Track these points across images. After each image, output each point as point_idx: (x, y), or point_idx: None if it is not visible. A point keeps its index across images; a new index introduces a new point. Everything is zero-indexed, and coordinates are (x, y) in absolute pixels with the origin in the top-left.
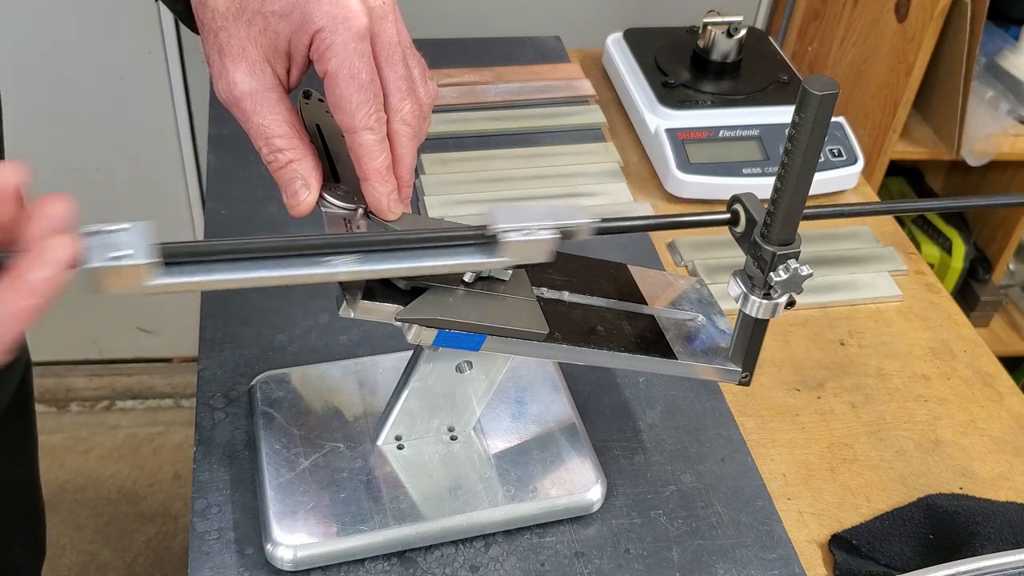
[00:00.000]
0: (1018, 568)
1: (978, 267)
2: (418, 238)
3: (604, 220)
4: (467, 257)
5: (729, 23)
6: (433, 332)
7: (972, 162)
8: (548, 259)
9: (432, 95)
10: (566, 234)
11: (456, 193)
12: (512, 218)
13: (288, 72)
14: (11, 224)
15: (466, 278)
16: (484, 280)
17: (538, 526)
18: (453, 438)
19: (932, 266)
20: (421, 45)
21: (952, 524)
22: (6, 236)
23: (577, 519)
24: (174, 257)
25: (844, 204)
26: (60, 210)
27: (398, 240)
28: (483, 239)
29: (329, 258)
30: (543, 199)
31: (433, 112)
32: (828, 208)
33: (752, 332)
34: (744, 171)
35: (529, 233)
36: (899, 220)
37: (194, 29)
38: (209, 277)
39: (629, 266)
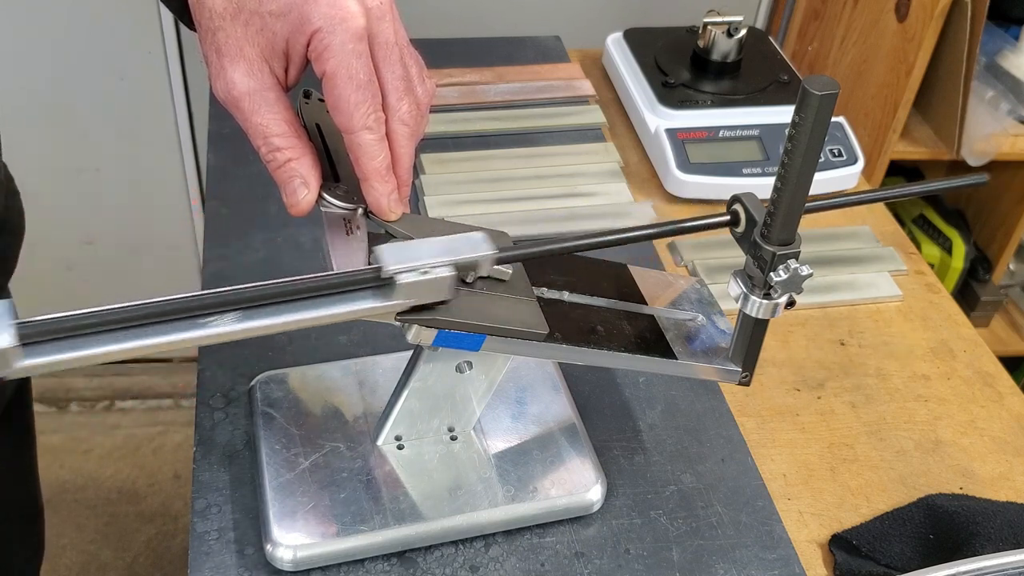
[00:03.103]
0: (1018, 568)
1: (978, 267)
2: (307, 287)
3: (503, 250)
4: (361, 303)
5: (729, 23)
6: (433, 332)
7: (972, 162)
8: (448, 296)
9: (430, 94)
10: (465, 268)
11: (456, 193)
12: (405, 257)
13: (286, 71)
14: None
15: (467, 278)
16: (484, 280)
17: (538, 526)
18: (453, 438)
19: (932, 266)
20: (421, 45)
21: (952, 524)
22: None
23: (577, 519)
24: (33, 337)
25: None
26: None
27: (286, 291)
28: (378, 282)
29: (209, 318)
30: (543, 199)
31: (433, 112)
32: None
33: (752, 332)
34: (744, 171)
35: (426, 272)
36: (899, 220)
37: (191, 26)
38: (75, 354)
39: (629, 266)
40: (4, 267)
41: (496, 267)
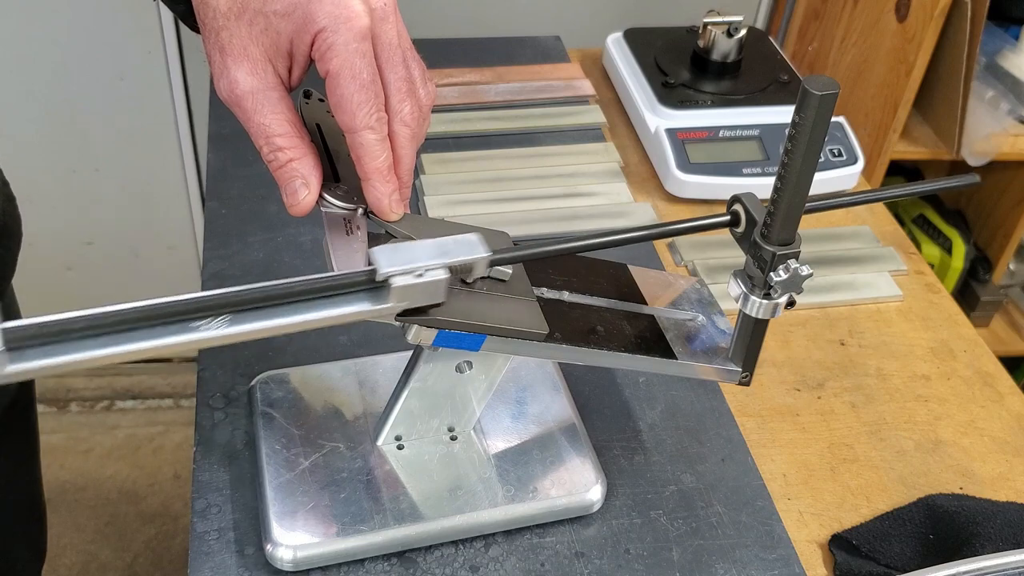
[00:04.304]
0: (1018, 568)
1: (978, 267)
2: (300, 289)
3: (497, 252)
4: (354, 306)
5: (729, 23)
6: (433, 332)
7: (972, 162)
8: (443, 299)
9: (431, 96)
10: (459, 271)
11: (456, 193)
12: (400, 259)
13: (289, 71)
14: None
15: (467, 279)
16: (484, 280)
17: (538, 526)
18: (453, 438)
19: (932, 266)
20: (421, 45)
21: (952, 524)
22: None
23: (577, 519)
24: (19, 341)
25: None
26: None
27: (279, 294)
28: (372, 285)
29: (201, 322)
30: (543, 199)
31: (433, 112)
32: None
33: (752, 332)
34: (744, 171)
35: (421, 275)
36: (899, 220)
37: (195, 29)
38: (64, 359)
39: (629, 266)
40: (3, 272)
41: (496, 267)
